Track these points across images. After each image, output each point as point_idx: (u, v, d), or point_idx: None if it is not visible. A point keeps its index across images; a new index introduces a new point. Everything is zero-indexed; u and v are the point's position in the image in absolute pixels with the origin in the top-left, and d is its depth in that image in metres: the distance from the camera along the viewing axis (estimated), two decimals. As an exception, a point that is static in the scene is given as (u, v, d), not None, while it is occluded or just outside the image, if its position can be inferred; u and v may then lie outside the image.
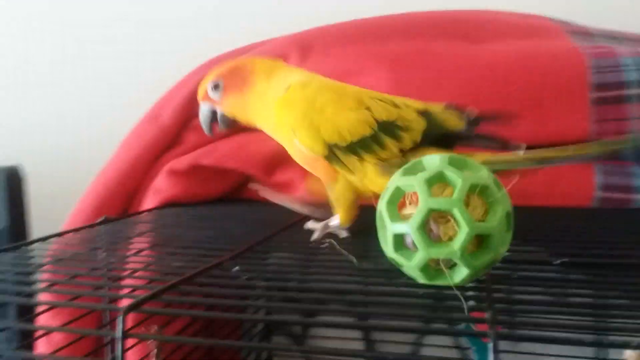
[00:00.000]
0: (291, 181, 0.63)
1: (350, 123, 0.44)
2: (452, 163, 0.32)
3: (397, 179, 0.32)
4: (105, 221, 0.53)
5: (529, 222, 0.48)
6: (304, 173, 0.62)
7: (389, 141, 0.43)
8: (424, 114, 0.44)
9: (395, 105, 0.45)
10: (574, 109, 0.56)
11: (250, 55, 0.67)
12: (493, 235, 0.30)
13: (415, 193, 0.30)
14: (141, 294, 0.31)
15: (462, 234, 0.29)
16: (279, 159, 0.62)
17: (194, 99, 0.69)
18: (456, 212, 0.29)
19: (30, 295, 0.42)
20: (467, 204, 0.30)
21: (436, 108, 0.45)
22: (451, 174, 0.30)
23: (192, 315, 0.49)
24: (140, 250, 0.43)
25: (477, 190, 0.30)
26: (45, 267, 0.41)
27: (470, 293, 0.32)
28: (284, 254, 0.43)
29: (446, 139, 0.44)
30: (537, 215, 0.55)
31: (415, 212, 0.30)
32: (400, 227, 0.31)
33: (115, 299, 0.43)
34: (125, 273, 0.39)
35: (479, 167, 0.32)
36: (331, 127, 0.44)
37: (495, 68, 0.58)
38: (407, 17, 0.67)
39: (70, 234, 0.49)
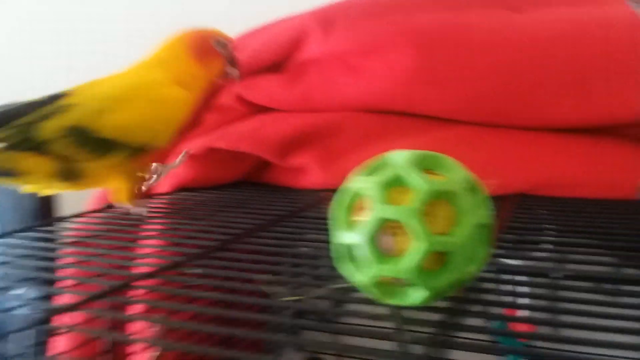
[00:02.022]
0: (307, 165, 0.60)
1: None
2: (420, 162, 0.27)
3: (356, 180, 0.28)
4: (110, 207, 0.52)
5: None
6: (320, 156, 0.59)
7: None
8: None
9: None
10: (627, 85, 0.48)
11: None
12: (456, 252, 0.25)
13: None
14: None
15: (417, 249, 0.24)
16: (295, 143, 0.59)
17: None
18: (411, 224, 0.24)
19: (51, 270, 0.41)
20: (428, 213, 0.25)
21: None
22: (413, 176, 0.26)
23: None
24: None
25: (442, 198, 0.25)
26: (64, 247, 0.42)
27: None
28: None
29: None
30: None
31: (366, 221, 0.26)
32: (350, 237, 0.26)
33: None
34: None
35: (455, 168, 0.27)
36: None
37: (536, 39, 0.51)
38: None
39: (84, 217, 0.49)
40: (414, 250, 0.24)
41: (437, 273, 0.25)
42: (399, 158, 0.27)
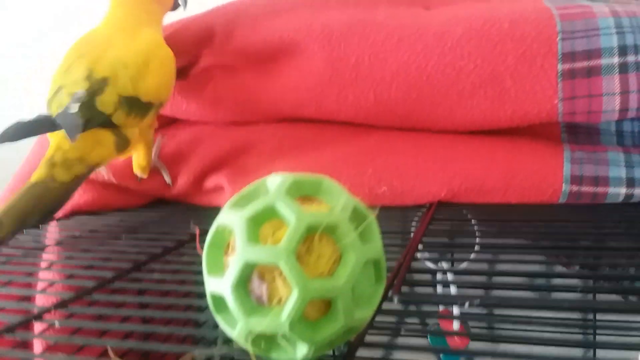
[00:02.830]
0: (221, 185, 0.56)
1: None
2: (298, 189, 0.23)
3: (223, 213, 0.23)
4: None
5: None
6: (232, 174, 0.55)
7: None
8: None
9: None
10: (539, 84, 0.46)
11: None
12: (341, 298, 0.21)
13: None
14: None
15: (292, 298, 0.21)
16: (209, 170, 0.55)
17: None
18: (284, 267, 0.21)
19: None
20: (306, 252, 0.21)
21: None
22: (285, 208, 0.22)
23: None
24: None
25: (322, 232, 0.22)
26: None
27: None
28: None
29: None
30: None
31: (233, 265, 0.22)
32: (216, 284, 0.22)
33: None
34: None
35: (338, 194, 0.23)
36: None
37: (444, 38, 0.48)
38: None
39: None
40: (289, 299, 0.21)
41: (321, 323, 0.21)
42: (274, 184, 0.23)
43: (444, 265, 0.55)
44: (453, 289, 0.56)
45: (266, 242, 0.21)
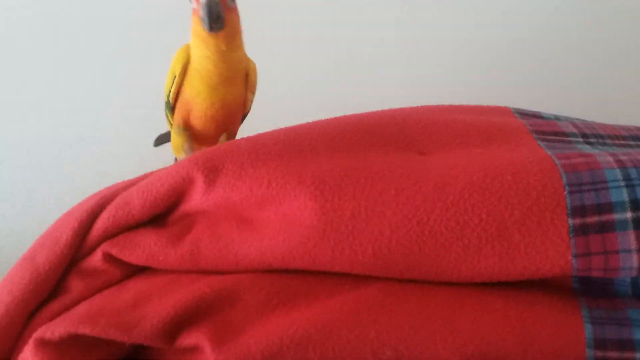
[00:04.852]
0: (198, 345, 0.49)
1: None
2: None
3: None
4: None
5: None
6: (213, 333, 0.49)
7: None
8: None
9: None
10: (550, 239, 0.44)
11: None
12: None
13: None
14: None
15: None
16: (181, 322, 0.48)
17: (80, 233, 0.55)
18: None
19: None
20: None
21: None
22: None
23: None
24: None
25: None
26: None
27: None
28: None
29: None
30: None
31: None
32: None
33: None
34: None
35: None
36: None
37: (446, 190, 0.46)
38: (337, 122, 0.55)
39: None
40: None
41: None
42: None
43: None
44: None
45: None
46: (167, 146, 0.75)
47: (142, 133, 0.82)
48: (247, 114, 0.70)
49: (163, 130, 0.78)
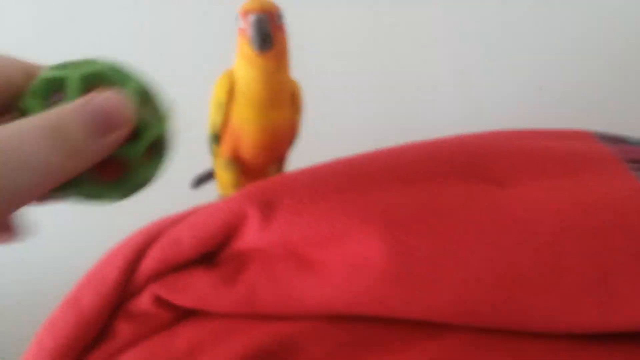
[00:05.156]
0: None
1: None
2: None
3: None
4: None
5: None
6: None
7: None
8: None
9: None
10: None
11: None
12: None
13: None
14: None
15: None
16: None
17: (127, 272, 0.52)
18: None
19: None
20: None
21: None
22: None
23: None
24: None
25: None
26: None
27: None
28: None
29: None
30: None
31: None
32: None
33: None
34: None
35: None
36: None
37: (537, 230, 0.41)
38: (399, 151, 0.51)
39: None
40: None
41: None
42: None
43: None
44: None
45: None
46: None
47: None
48: (294, 140, 0.66)
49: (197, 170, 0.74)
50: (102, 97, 0.24)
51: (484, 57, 1.06)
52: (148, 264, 0.51)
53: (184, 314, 0.52)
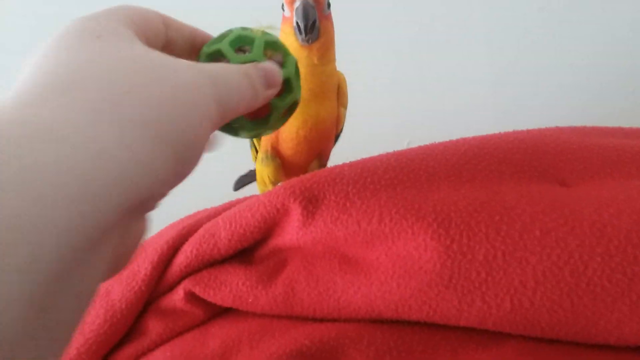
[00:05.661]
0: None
1: None
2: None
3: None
4: None
5: None
6: None
7: None
8: None
9: None
10: None
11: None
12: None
13: None
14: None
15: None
16: None
17: (160, 267, 0.50)
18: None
19: None
20: None
21: None
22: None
23: None
24: None
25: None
26: None
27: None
28: None
29: None
30: None
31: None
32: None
33: None
34: None
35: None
36: None
37: (607, 232, 0.37)
38: (455, 146, 0.47)
39: None
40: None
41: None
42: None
43: None
44: None
45: None
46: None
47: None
48: (339, 134, 0.63)
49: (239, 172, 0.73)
50: (268, 64, 0.35)
51: (520, 56, 1.03)
52: (182, 259, 0.48)
53: (218, 313, 0.49)
